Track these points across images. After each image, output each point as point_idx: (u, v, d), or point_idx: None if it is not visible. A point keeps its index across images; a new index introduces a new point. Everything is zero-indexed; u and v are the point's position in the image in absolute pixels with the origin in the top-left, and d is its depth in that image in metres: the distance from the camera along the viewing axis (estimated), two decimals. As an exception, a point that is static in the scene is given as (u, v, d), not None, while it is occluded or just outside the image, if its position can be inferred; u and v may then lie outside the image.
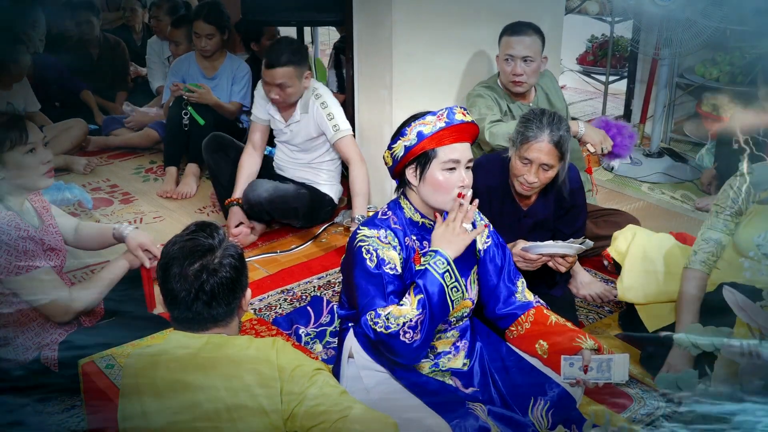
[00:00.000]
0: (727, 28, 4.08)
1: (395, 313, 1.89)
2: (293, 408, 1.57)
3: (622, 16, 5.02)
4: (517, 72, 3.09)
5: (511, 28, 3.15)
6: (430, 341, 1.98)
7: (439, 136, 1.98)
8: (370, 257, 1.99)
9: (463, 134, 2.01)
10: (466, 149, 2.02)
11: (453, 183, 1.99)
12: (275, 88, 3.34)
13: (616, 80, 5.37)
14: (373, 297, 1.96)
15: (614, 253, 2.77)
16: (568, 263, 2.47)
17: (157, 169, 4.49)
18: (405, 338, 1.88)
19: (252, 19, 4.25)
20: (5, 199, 2.31)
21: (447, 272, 1.93)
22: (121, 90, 5.37)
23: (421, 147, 1.99)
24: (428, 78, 3.49)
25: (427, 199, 2.05)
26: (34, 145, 2.30)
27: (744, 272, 2.41)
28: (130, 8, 5.82)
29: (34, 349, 2.38)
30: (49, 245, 2.37)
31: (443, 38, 3.46)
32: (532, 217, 2.66)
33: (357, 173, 3.40)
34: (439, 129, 1.98)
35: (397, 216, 2.08)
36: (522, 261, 2.46)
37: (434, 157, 1.99)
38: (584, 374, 2.05)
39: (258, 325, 2.48)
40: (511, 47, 3.09)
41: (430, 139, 1.98)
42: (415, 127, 2.00)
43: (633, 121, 5.07)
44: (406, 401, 2.03)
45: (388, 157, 2.07)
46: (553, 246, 2.45)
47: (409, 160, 2.03)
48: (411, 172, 2.04)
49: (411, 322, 1.88)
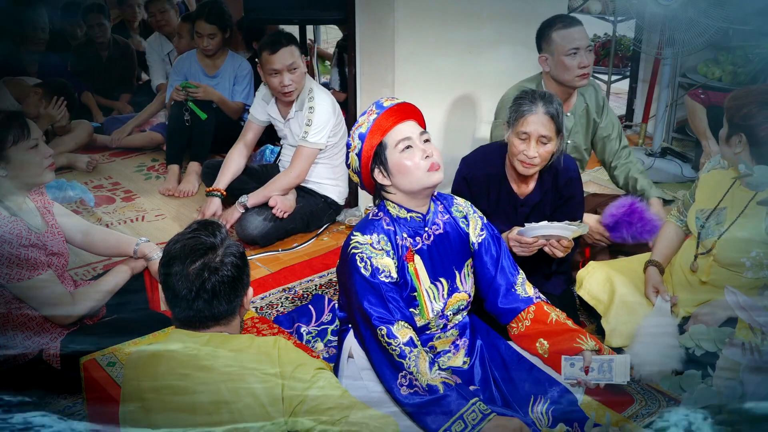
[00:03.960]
0: (729, 28, 4.07)
1: (419, 364, 1.93)
2: (294, 407, 1.57)
3: (624, 15, 5.01)
4: (585, 63, 2.91)
5: (561, 20, 2.95)
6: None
7: (377, 127, 2.02)
8: (365, 265, 2.00)
9: (400, 115, 2.04)
10: (411, 126, 2.05)
11: (417, 159, 2.01)
12: (286, 74, 3.34)
13: (618, 80, 5.36)
14: (374, 305, 1.98)
15: (587, 297, 2.67)
16: (563, 247, 2.45)
17: (159, 167, 4.50)
18: (400, 381, 1.94)
19: (254, 17, 4.25)
20: (6, 199, 2.31)
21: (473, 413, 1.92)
22: (125, 92, 5.38)
23: (370, 146, 2.02)
24: (430, 77, 3.49)
25: (404, 187, 2.05)
26: (36, 141, 2.32)
27: (746, 272, 2.41)
28: (129, 5, 5.82)
29: (35, 347, 2.38)
30: (52, 250, 2.38)
31: (445, 38, 3.46)
32: (528, 206, 2.66)
33: (285, 175, 3.47)
34: (374, 120, 2.02)
35: (388, 216, 2.10)
36: (518, 246, 2.44)
37: (386, 147, 2.03)
38: (585, 375, 2.05)
39: (260, 323, 2.48)
40: (573, 38, 2.89)
41: (372, 134, 2.01)
42: (354, 133, 2.05)
43: (635, 120, 5.07)
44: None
45: (353, 175, 2.11)
46: (548, 227, 2.41)
47: (369, 164, 2.05)
48: (378, 174, 2.06)
49: (416, 382, 1.92)
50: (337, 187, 3.65)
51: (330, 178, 3.62)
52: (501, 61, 3.59)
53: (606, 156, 3.24)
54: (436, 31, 3.43)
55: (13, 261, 2.26)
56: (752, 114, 2.29)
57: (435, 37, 3.43)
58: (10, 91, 4.32)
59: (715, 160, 2.63)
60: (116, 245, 2.64)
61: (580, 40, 2.91)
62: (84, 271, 3.21)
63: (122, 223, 3.75)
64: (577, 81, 2.95)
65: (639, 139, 4.76)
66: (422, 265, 2.11)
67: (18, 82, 4.42)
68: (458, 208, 2.23)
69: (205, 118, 4.12)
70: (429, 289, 2.12)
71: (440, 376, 1.95)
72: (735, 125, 2.34)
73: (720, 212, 2.49)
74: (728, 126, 2.38)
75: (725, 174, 2.53)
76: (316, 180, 3.59)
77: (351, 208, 3.76)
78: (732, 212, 2.46)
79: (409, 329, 1.98)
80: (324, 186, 3.62)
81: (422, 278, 2.10)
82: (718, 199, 2.50)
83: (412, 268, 2.08)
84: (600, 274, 2.68)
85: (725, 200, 2.49)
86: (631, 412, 2.38)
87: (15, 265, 2.26)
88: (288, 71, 3.34)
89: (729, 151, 2.39)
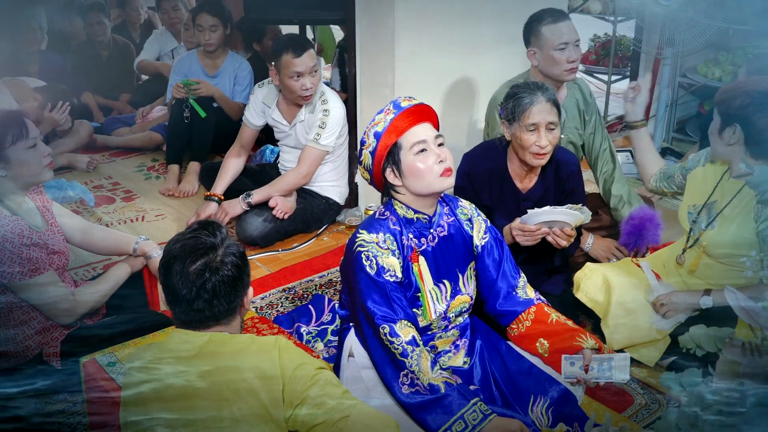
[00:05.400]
0: (729, 28, 4.07)
1: (420, 363, 1.93)
2: (295, 407, 1.57)
3: (624, 15, 5.01)
4: (574, 58, 2.91)
5: (550, 14, 2.93)
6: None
7: (394, 127, 2.00)
8: (370, 264, 2.00)
9: (417, 117, 2.03)
10: (427, 128, 2.04)
11: (430, 162, 2.01)
12: (308, 77, 3.34)
13: (618, 80, 5.36)
14: (378, 303, 1.97)
15: (585, 299, 2.68)
16: (567, 236, 2.44)
17: (159, 167, 4.50)
18: (402, 380, 1.94)
19: (254, 17, 4.25)
20: (6, 198, 2.31)
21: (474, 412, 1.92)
22: (125, 91, 5.38)
23: (384, 145, 2.01)
24: (430, 77, 3.49)
25: (415, 190, 2.05)
26: (35, 140, 2.32)
27: (745, 272, 2.41)
28: (132, 8, 5.82)
29: (36, 347, 2.38)
30: (53, 249, 2.38)
31: (445, 37, 3.46)
32: (531, 200, 2.66)
33: (293, 175, 3.46)
34: (391, 120, 2.01)
35: (395, 216, 2.09)
36: (521, 234, 2.44)
37: (400, 147, 2.02)
38: (585, 374, 2.05)
39: (260, 323, 2.48)
40: (562, 33, 2.88)
41: (387, 134, 2.00)
42: (370, 131, 2.04)
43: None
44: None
45: (364, 172, 2.09)
46: (551, 212, 2.41)
47: (381, 163, 2.04)
48: (390, 174, 2.05)
49: (418, 381, 1.92)
50: (338, 188, 3.66)
51: (332, 179, 3.62)
52: (501, 61, 3.59)
53: (592, 155, 3.21)
54: (436, 31, 3.43)
55: (15, 260, 2.26)
56: (747, 103, 2.29)
57: (435, 37, 3.43)
58: (10, 92, 4.32)
59: (699, 155, 2.63)
60: (116, 244, 2.64)
61: (568, 35, 2.91)
62: (84, 271, 3.21)
63: (122, 223, 3.75)
64: (565, 75, 2.95)
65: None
66: (426, 266, 2.11)
67: (18, 83, 4.41)
68: (463, 210, 2.23)
69: (204, 117, 4.12)
70: (432, 291, 2.12)
71: (442, 375, 1.95)
72: (729, 116, 2.34)
73: (711, 206, 2.49)
74: (721, 119, 2.38)
75: (714, 168, 2.54)
76: (319, 182, 3.60)
77: (351, 208, 3.76)
78: (722, 205, 2.46)
79: (411, 328, 1.98)
80: (326, 187, 3.62)
81: (426, 279, 2.10)
82: (708, 194, 2.51)
83: (417, 269, 2.08)
84: (597, 276, 2.68)
85: (715, 194, 2.49)
86: (631, 412, 2.38)
87: (16, 264, 2.26)
88: (309, 74, 3.34)
89: (722, 145, 2.40)
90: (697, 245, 2.51)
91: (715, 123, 2.41)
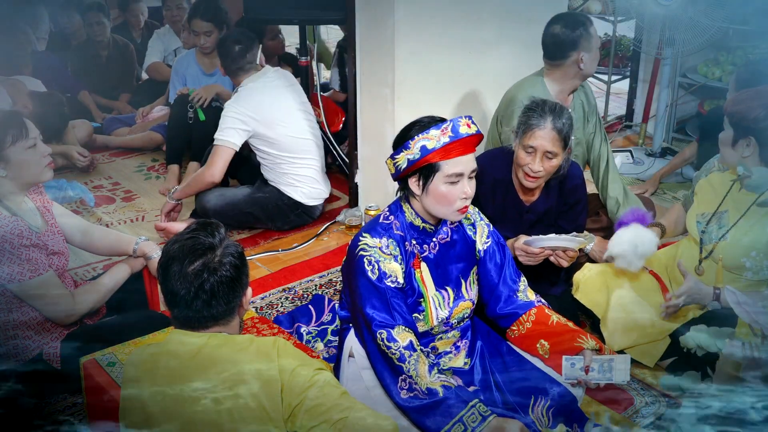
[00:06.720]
0: (729, 28, 4.07)
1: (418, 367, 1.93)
2: (294, 407, 1.57)
3: (624, 15, 5.01)
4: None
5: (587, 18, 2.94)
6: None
7: (443, 151, 1.95)
8: (372, 269, 1.99)
9: (468, 146, 1.99)
10: (470, 160, 2.00)
11: (456, 195, 1.99)
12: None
13: (618, 80, 5.36)
14: (377, 309, 1.97)
15: (584, 300, 2.67)
16: (569, 258, 2.46)
17: (159, 167, 4.50)
18: (400, 384, 1.94)
19: (254, 17, 4.24)
20: (6, 199, 2.31)
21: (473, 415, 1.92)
22: (125, 91, 5.37)
23: (425, 161, 1.97)
24: (430, 77, 3.49)
25: (429, 209, 2.04)
26: (34, 140, 2.32)
27: (746, 272, 2.41)
28: (132, 12, 5.81)
29: (35, 347, 2.38)
30: (52, 250, 2.38)
31: (445, 37, 3.45)
32: (534, 213, 2.66)
33: (198, 174, 3.51)
34: (444, 144, 1.94)
35: (399, 220, 2.08)
36: (524, 255, 2.46)
37: (438, 170, 1.97)
38: (585, 375, 2.05)
39: (259, 323, 2.48)
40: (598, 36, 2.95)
41: (435, 154, 1.95)
42: (418, 141, 1.96)
43: (635, 120, 5.07)
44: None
45: (391, 166, 2.04)
46: (555, 239, 2.44)
47: (412, 170, 2.01)
48: (414, 182, 2.02)
49: (416, 386, 1.92)
50: (301, 189, 3.58)
51: (292, 180, 3.57)
52: (501, 60, 3.58)
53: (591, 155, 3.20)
54: (436, 31, 3.42)
55: (14, 261, 2.26)
56: (764, 116, 2.25)
57: (435, 37, 3.43)
58: (7, 91, 4.32)
59: (710, 163, 2.61)
60: (116, 244, 2.64)
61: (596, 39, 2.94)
62: (84, 271, 3.21)
63: (122, 223, 3.75)
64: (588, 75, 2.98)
65: (639, 139, 4.76)
66: (428, 272, 2.11)
67: (14, 83, 4.41)
68: (466, 215, 2.22)
69: (203, 120, 4.11)
70: (435, 297, 2.12)
71: (440, 379, 1.95)
72: (743, 129, 2.31)
73: (721, 215, 2.47)
74: (734, 130, 2.34)
75: (723, 176, 2.52)
76: (277, 179, 3.57)
77: (351, 208, 3.76)
78: (734, 215, 2.44)
79: (409, 333, 1.97)
80: (284, 186, 3.56)
81: (428, 285, 2.10)
82: (718, 203, 2.49)
83: (419, 275, 2.08)
84: (596, 277, 2.67)
85: (725, 203, 2.47)
86: (631, 412, 2.38)
87: (16, 265, 2.26)
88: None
89: (734, 156, 2.36)
90: (711, 258, 2.48)
91: (727, 134, 2.36)
